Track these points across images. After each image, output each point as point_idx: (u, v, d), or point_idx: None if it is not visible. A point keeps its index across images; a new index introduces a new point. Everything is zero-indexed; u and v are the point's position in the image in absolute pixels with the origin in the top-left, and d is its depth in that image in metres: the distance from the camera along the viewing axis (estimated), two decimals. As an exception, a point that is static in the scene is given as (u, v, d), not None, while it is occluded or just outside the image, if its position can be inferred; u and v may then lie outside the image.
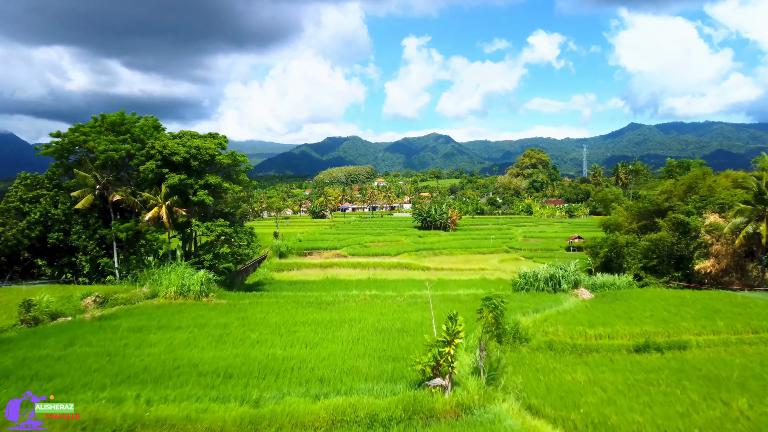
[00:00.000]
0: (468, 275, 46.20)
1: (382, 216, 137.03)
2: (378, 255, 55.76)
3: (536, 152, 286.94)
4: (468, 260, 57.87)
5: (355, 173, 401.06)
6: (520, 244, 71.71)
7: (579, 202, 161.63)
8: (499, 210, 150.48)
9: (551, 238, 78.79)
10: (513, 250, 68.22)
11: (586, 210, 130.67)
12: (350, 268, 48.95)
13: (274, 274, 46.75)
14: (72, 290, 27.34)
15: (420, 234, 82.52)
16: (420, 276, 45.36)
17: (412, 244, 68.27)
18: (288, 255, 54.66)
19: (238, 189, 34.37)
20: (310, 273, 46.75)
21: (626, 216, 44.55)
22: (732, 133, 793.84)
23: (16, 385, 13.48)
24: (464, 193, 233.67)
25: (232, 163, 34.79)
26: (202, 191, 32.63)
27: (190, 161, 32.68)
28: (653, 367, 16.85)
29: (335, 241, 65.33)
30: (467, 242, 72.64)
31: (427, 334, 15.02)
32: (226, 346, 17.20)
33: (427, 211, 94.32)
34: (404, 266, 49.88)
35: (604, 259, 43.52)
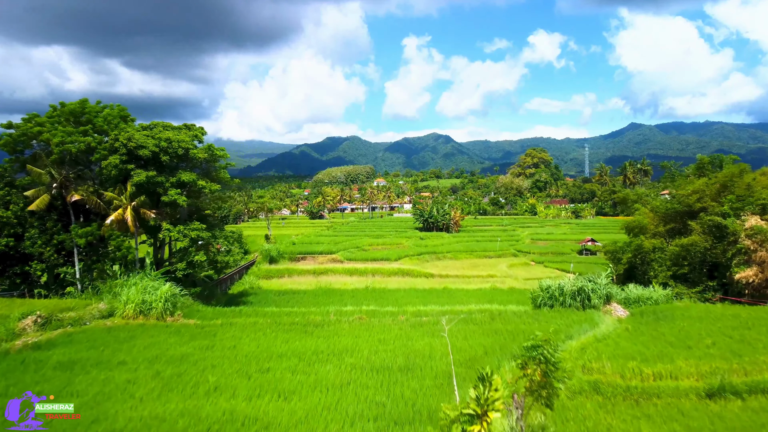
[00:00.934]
0: (477, 283, 41.96)
1: (381, 217, 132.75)
2: (377, 260, 51.52)
3: (538, 152, 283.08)
4: (474, 265, 53.63)
5: (355, 173, 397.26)
6: (528, 247, 67.46)
7: (584, 202, 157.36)
8: (503, 210, 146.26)
9: (560, 240, 74.54)
10: (521, 253, 63.99)
11: (592, 211, 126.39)
12: (346, 275, 44.69)
13: (262, 282, 42.49)
14: (15, 307, 23.09)
15: (421, 236, 78.25)
16: (423, 284, 41.13)
17: (413, 247, 64.00)
18: (279, 260, 50.38)
19: (216, 188, 30.05)
20: (302, 281, 42.48)
21: (652, 218, 40.31)
22: (732, 133, 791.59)
23: None
24: (465, 193, 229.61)
25: (210, 158, 30.54)
26: (173, 190, 28.40)
27: (160, 156, 28.45)
28: (739, 423, 12.65)
29: (331, 244, 61.03)
30: (472, 245, 68.39)
31: (445, 399, 10.74)
32: (172, 396, 12.96)
33: (429, 211, 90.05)
34: (405, 273, 45.65)
35: (628, 266, 39.27)
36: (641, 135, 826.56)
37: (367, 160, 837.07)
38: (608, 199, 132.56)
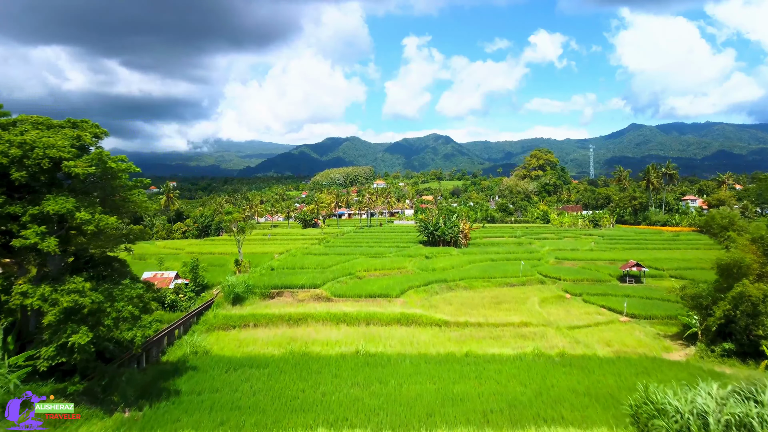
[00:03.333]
0: (509, 339, 30.57)
1: (381, 225, 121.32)
2: (373, 296, 40.14)
3: (543, 153, 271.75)
4: (497, 301, 42.27)
5: (354, 174, 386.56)
6: (555, 270, 56.07)
7: (599, 208, 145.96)
8: (512, 217, 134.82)
9: (591, 260, 63.12)
10: (549, 279, 52.62)
11: (611, 219, 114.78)
12: (332, 326, 33.29)
13: (215, 337, 31.08)
14: None
15: (427, 253, 66.92)
16: (436, 342, 29.74)
17: (418, 272, 52.69)
18: (248, 297, 38.99)
19: (113, 222, 18.58)
20: (271, 336, 31.02)
21: (756, 253, 29.04)
22: (733, 133, 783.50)
23: None
24: (469, 196, 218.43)
25: (103, 175, 19.15)
26: (33, 228, 17.07)
27: (11, 170, 17.14)
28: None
29: (318, 270, 49.73)
30: (487, 267, 57.05)
31: None
32: None
33: (435, 223, 78.69)
34: (410, 319, 34.26)
35: (724, 320, 28.03)
36: (642, 135, 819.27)
37: (367, 160, 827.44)
38: (628, 205, 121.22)
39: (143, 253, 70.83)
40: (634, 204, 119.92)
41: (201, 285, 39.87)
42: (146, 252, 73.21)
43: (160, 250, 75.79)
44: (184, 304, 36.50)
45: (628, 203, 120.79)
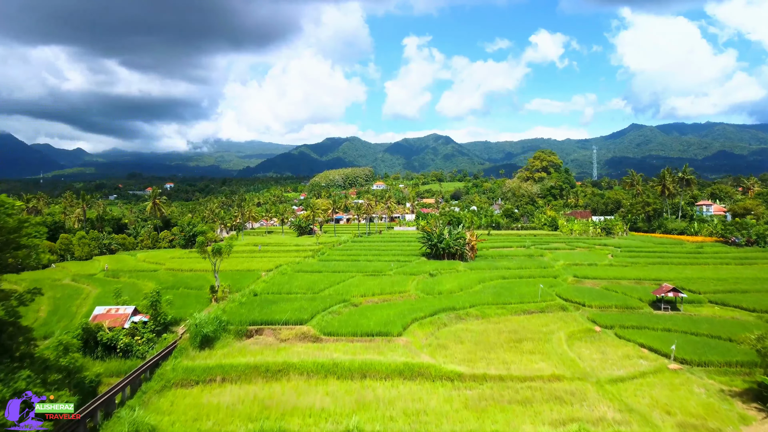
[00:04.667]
0: (543, 410, 24.03)
1: (380, 232, 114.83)
2: (371, 335, 33.69)
3: (547, 154, 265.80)
4: (517, 337, 35.84)
5: (353, 176, 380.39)
6: (576, 292, 49.56)
7: (609, 213, 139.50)
8: (518, 223, 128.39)
9: (613, 279, 56.64)
10: (571, 305, 46.15)
11: (625, 227, 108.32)
12: (318, 380, 26.82)
13: (166, 403, 24.56)
14: None
15: (431, 270, 60.50)
16: (450, 411, 23.30)
17: (422, 297, 46.35)
18: (220, 338, 32.55)
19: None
20: (239, 402, 24.52)
21: None
22: (734, 134, 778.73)
23: None
24: (471, 199, 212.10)
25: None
26: None
27: None
28: None
29: (308, 296, 43.39)
30: (500, 288, 50.72)
31: None
32: None
33: (439, 235, 72.26)
34: (416, 372, 27.81)
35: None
36: (642, 136, 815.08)
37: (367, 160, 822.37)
38: (641, 212, 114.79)
39: (118, 269, 64.45)
40: (648, 210, 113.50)
41: (163, 323, 33.36)
42: (123, 267, 66.81)
43: (138, 264, 69.35)
44: (140, 348, 30.08)
45: (641, 209, 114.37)
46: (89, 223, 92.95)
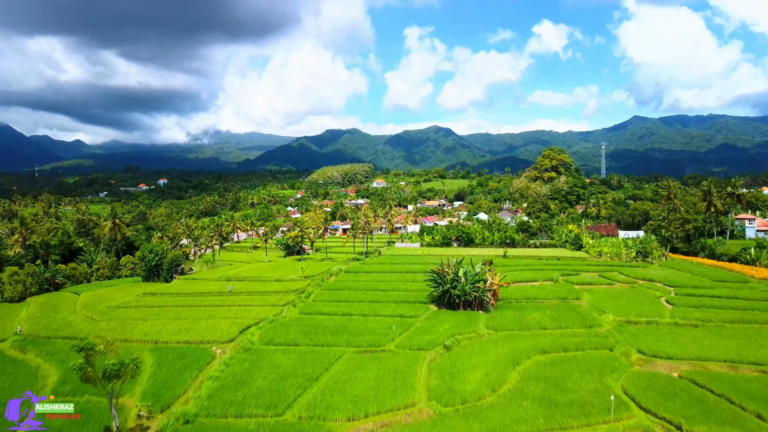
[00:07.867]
0: None
1: (378, 253, 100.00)
2: None
3: (556, 152, 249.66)
4: None
5: (353, 172, 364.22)
6: (658, 396, 34.47)
7: (635, 227, 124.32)
8: (536, 239, 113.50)
9: (696, 360, 41.36)
10: (654, 421, 31.22)
11: (661, 249, 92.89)
12: None
13: None
14: None
15: (446, 336, 45.74)
16: None
17: (438, 415, 31.52)
18: None
19: None
20: None
21: None
22: (737, 126, 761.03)
23: None
24: (479, 204, 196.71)
25: None
26: None
27: None
28: None
29: (267, 423, 28.65)
30: (545, 382, 35.89)
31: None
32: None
33: (452, 278, 57.35)
34: None
35: None
36: (645, 128, 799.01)
37: (367, 153, 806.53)
38: (680, 230, 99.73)
39: (39, 329, 49.40)
40: (687, 228, 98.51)
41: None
42: (48, 323, 51.64)
43: (70, 318, 54.22)
44: None
45: (680, 227, 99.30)
46: (31, 250, 77.83)
